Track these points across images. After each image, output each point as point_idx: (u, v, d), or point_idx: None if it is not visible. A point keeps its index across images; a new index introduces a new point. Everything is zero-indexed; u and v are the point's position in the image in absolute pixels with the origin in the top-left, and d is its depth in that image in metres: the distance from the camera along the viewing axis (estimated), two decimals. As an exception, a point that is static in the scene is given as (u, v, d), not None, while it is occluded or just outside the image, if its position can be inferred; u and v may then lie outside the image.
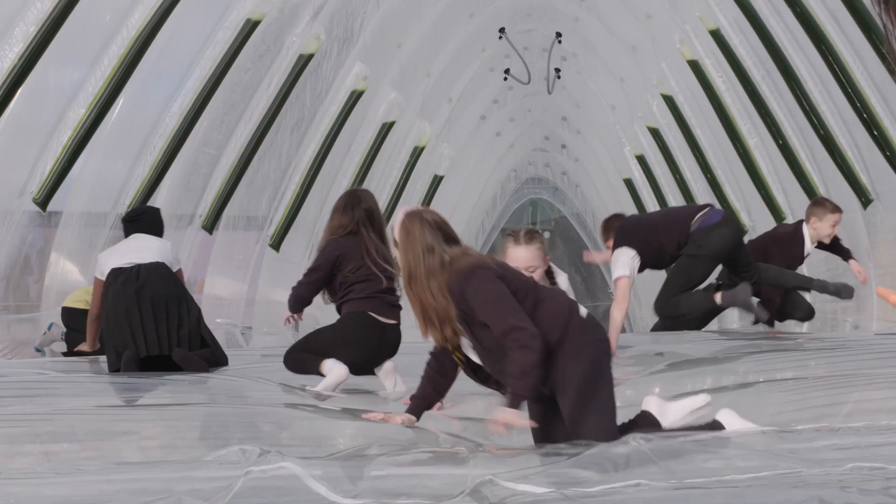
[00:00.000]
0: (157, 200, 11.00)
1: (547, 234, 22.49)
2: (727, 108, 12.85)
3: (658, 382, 5.73)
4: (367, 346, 5.60)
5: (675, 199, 15.61)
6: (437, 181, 16.61)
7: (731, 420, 3.91)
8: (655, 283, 8.15)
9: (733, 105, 12.76)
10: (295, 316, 5.92)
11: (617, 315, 6.49)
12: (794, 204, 12.49)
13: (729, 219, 7.75)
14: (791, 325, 9.23)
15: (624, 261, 6.71)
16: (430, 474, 3.38)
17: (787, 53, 11.15)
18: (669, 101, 14.20)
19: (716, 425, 3.90)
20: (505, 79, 16.30)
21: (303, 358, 5.67)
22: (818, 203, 8.62)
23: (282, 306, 6.28)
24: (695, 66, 12.98)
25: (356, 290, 5.64)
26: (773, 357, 6.55)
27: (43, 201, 9.45)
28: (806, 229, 8.38)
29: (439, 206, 16.83)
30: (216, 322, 9.80)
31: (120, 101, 9.86)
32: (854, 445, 3.64)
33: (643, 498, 2.99)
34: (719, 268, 7.78)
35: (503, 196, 21.00)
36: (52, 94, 9.49)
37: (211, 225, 11.86)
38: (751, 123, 12.65)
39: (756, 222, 13.58)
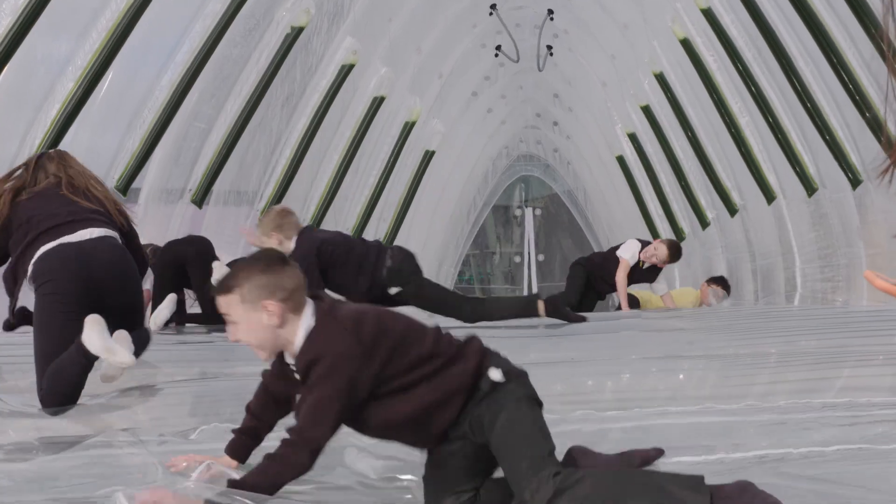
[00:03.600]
0: (146, 174, 10.97)
1: (538, 211, 22.46)
2: (718, 86, 12.83)
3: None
4: None
5: (666, 177, 15.59)
6: (428, 157, 16.57)
7: None
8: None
9: (724, 84, 12.74)
10: None
11: None
12: (784, 183, 12.50)
13: None
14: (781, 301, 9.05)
15: None
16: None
17: (778, 32, 11.13)
18: (661, 80, 14.18)
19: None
20: (496, 55, 16.22)
21: None
22: None
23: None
24: (686, 45, 12.95)
25: None
26: (759, 333, 6.58)
27: (32, 174, 9.39)
28: None
29: (431, 182, 16.82)
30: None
31: (109, 75, 9.80)
32: (839, 423, 3.66)
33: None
34: None
35: (494, 173, 20.93)
36: (41, 67, 9.42)
37: (201, 199, 11.83)
38: (742, 102, 12.62)
39: (747, 201, 13.59)
